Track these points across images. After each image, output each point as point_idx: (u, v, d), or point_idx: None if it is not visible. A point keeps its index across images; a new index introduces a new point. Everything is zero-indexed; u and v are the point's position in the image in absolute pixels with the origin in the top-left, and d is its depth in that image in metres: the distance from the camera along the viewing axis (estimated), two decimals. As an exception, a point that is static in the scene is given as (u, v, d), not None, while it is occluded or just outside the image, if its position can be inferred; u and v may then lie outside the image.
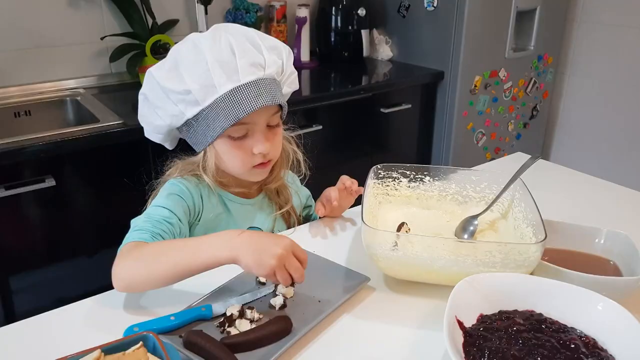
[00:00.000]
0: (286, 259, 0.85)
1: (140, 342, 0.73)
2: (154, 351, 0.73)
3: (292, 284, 0.89)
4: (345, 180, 1.20)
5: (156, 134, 1.09)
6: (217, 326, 0.86)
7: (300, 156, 1.20)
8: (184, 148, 1.13)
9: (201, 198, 1.09)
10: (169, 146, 1.14)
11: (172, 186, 1.08)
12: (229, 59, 0.97)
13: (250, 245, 0.86)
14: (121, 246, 0.96)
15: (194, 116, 1.01)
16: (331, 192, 1.19)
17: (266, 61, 1.01)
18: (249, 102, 0.97)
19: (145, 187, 1.15)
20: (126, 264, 0.92)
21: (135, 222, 1.01)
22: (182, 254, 0.90)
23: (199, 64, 0.97)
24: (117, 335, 0.80)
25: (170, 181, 1.10)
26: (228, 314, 0.87)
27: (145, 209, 1.07)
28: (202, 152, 1.08)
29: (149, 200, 1.12)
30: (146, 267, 0.90)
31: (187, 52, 0.99)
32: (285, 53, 1.07)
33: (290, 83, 1.11)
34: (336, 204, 1.17)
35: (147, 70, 1.03)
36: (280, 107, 1.05)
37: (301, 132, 1.23)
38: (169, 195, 1.06)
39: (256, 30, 1.06)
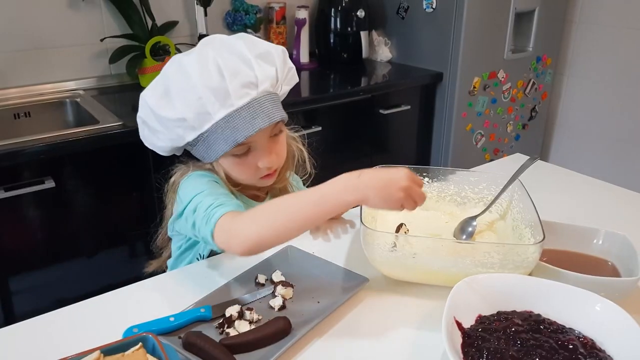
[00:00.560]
0: (411, 189, 0.86)
1: (140, 344, 0.73)
2: (153, 352, 0.73)
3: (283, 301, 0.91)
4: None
5: (161, 151, 1.07)
6: (216, 327, 0.86)
7: (306, 155, 1.19)
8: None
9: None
10: (178, 154, 1.11)
11: (200, 176, 1.04)
12: (219, 84, 0.94)
13: (375, 184, 0.86)
14: (214, 221, 0.91)
15: (194, 139, 1.00)
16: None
17: (258, 78, 0.98)
18: (246, 126, 0.96)
19: (154, 181, 1.14)
20: (247, 224, 0.89)
21: (205, 202, 0.95)
22: (309, 202, 0.88)
23: (189, 91, 0.95)
24: (116, 336, 0.80)
25: (192, 174, 1.06)
26: (227, 315, 0.87)
27: (170, 211, 1.07)
28: (210, 164, 1.07)
29: (168, 200, 1.11)
30: (274, 219, 0.88)
31: (176, 78, 0.97)
32: (278, 57, 1.03)
33: (288, 80, 1.09)
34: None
35: (141, 95, 1.01)
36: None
37: (300, 133, 1.23)
38: (202, 182, 1.01)
39: (244, 38, 1.01)
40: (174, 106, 0.96)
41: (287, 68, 1.06)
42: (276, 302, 0.91)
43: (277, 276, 0.98)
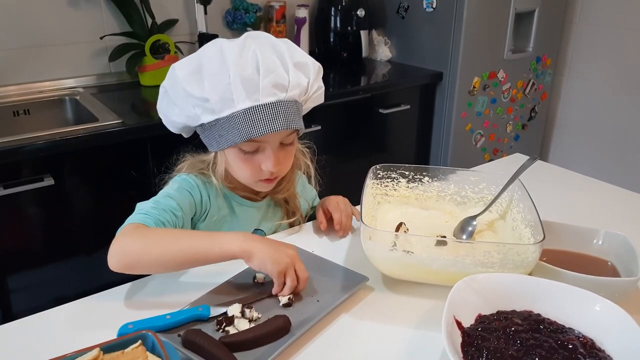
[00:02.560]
0: (297, 262, 0.91)
1: (139, 341, 0.73)
2: (152, 350, 0.73)
3: (290, 298, 0.92)
4: (340, 210, 1.18)
5: (171, 127, 1.09)
6: (216, 325, 0.86)
7: (312, 171, 1.19)
8: (195, 144, 1.13)
9: (209, 198, 1.09)
10: (185, 135, 1.13)
11: (183, 181, 1.08)
12: (252, 76, 0.95)
13: (265, 244, 0.91)
14: (122, 226, 0.96)
15: (209, 122, 1.00)
16: (335, 214, 1.17)
17: (290, 82, 0.99)
18: (264, 124, 0.96)
19: (155, 179, 1.15)
20: (131, 241, 0.92)
21: (141, 206, 1.01)
22: (198, 241, 0.92)
23: (221, 75, 0.96)
24: (114, 334, 0.80)
25: (181, 175, 1.09)
26: (230, 314, 0.87)
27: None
28: (214, 153, 1.08)
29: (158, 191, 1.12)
30: (156, 246, 0.91)
31: (212, 59, 0.97)
32: (313, 71, 1.04)
33: (315, 98, 1.10)
34: (338, 230, 1.16)
35: (172, 66, 1.01)
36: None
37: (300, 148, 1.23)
38: (179, 189, 1.06)
39: (287, 44, 1.03)
40: (201, 84, 0.97)
41: (318, 85, 1.07)
42: (283, 299, 0.91)
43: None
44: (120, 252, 0.91)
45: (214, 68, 0.96)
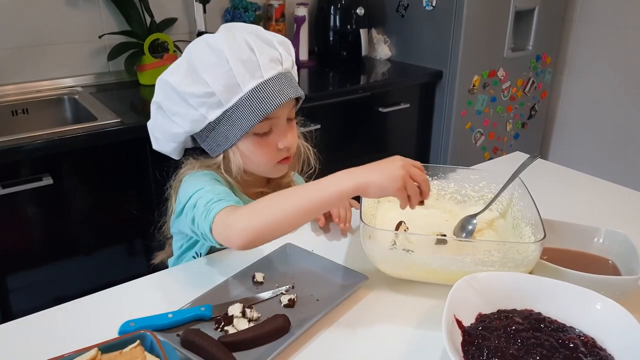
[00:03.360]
0: (409, 168, 0.88)
1: (138, 341, 0.73)
2: (151, 350, 0.73)
3: (290, 298, 0.91)
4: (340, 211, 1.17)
5: (171, 142, 1.05)
6: (215, 325, 0.86)
7: (311, 151, 1.20)
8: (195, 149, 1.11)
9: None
10: (176, 156, 1.10)
11: (203, 175, 1.04)
12: (249, 57, 0.97)
13: (374, 167, 0.88)
14: (213, 215, 0.91)
15: (216, 119, 0.99)
16: (332, 209, 1.16)
17: (282, 55, 1.02)
18: (275, 96, 0.98)
19: (153, 179, 1.14)
20: (245, 217, 0.89)
21: (205, 198, 0.96)
22: (308, 193, 0.89)
23: (219, 65, 0.96)
24: (113, 334, 0.80)
25: (194, 173, 1.06)
26: (230, 314, 0.87)
27: (173, 206, 1.07)
28: (222, 155, 1.05)
29: (173, 196, 1.10)
30: (273, 211, 0.88)
31: (203, 54, 0.97)
32: (292, 48, 1.08)
33: (294, 69, 1.12)
34: (338, 222, 1.16)
35: (158, 78, 1.00)
36: (297, 99, 1.06)
37: (299, 131, 1.22)
38: (208, 181, 1.02)
39: (260, 28, 1.05)
40: (202, 81, 0.96)
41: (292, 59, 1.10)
42: (285, 298, 0.91)
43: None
44: (241, 229, 0.88)
45: (210, 61, 0.96)
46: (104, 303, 0.94)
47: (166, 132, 1.04)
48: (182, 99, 0.98)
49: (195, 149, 1.09)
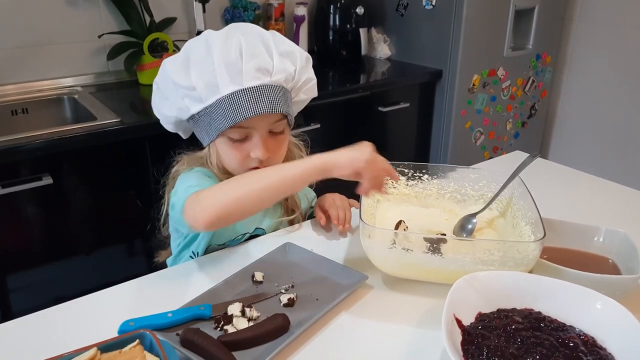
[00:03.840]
0: (376, 155, 0.92)
1: (137, 340, 0.73)
2: (150, 349, 0.72)
3: (290, 298, 0.91)
4: (337, 207, 1.18)
5: (167, 123, 1.10)
6: (215, 324, 0.85)
7: None
8: (191, 143, 1.13)
9: None
10: (183, 135, 1.14)
11: (195, 172, 1.07)
12: (235, 61, 0.97)
13: (340, 151, 0.91)
14: (185, 197, 0.95)
15: (198, 112, 1.01)
16: (331, 211, 1.16)
17: (274, 67, 1.00)
18: (248, 107, 0.97)
19: (153, 178, 1.15)
20: (213, 194, 0.91)
21: (189, 191, 0.97)
22: (275, 172, 0.91)
23: (206, 62, 0.97)
24: (113, 333, 0.79)
25: (186, 172, 1.08)
26: (230, 313, 0.87)
27: (165, 207, 1.08)
28: (208, 147, 1.08)
29: (165, 195, 1.11)
30: (238, 188, 0.91)
31: (198, 49, 1.00)
32: (300, 59, 1.05)
33: (307, 90, 1.10)
34: (337, 225, 1.15)
35: (163, 61, 1.04)
36: (285, 115, 1.03)
37: (299, 130, 1.22)
38: (198, 177, 1.05)
39: (274, 33, 1.05)
40: (188, 74, 0.98)
41: (307, 76, 1.08)
42: (284, 298, 0.91)
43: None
44: (211, 206, 0.89)
45: (199, 57, 0.99)
46: (104, 302, 0.94)
47: (160, 112, 1.08)
48: (173, 86, 1.01)
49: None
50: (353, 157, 0.89)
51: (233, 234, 1.12)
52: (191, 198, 0.94)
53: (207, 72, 0.97)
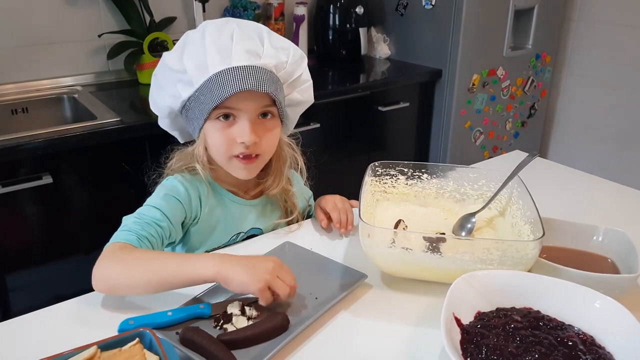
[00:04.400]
0: (279, 271, 0.87)
1: (137, 339, 0.73)
2: (150, 347, 0.73)
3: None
4: (338, 208, 1.17)
5: (162, 118, 1.10)
6: (214, 323, 0.86)
7: (301, 162, 1.17)
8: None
9: (199, 199, 1.08)
10: (179, 138, 1.15)
11: (170, 187, 1.06)
12: (226, 44, 0.99)
13: (240, 263, 0.87)
14: (107, 245, 0.96)
15: (189, 98, 1.01)
16: (333, 214, 1.16)
17: (264, 51, 1.01)
18: (234, 84, 0.96)
19: (144, 177, 1.14)
20: (109, 266, 0.91)
21: (125, 221, 1.01)
22: (172, 265, 0.90)
23: (198, 46, 0.99)
24: (113, 332, 0.80)
25: (169, 179, 1.08)
26: (229, 312, 0.87)
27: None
28: (197, 143, 1.08)
29: (150, 192, 1.11)
30: (129, 271, 0.90)
31: (195, 34, 1.02)
32: (294, 54, 1.05)
33: (301, 91, 1.09)
34: (339, 228, 1.15)
35: (163, 54, 1.05)
36: (274, 101, 1.02)
37: (299, 130, 1.22)
38: (165, 196, 1.04)
39: (271, 31, 1.05)
40: (181, 58, 1.00)
41: (301, 72, 1.07)
42: None
43: None
44: (102, 277, 0.91)
45: (193, 42, 1.01)
46: (103, 301, 0.94)
47: (156, 104, 1.08)
48: (167, 72, 1.02)
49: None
50: (242, 282, 0.85)
51: (225, 236, 1.12)
52: (105, 252, 0.93)
53: (198, 54, 0.99)
